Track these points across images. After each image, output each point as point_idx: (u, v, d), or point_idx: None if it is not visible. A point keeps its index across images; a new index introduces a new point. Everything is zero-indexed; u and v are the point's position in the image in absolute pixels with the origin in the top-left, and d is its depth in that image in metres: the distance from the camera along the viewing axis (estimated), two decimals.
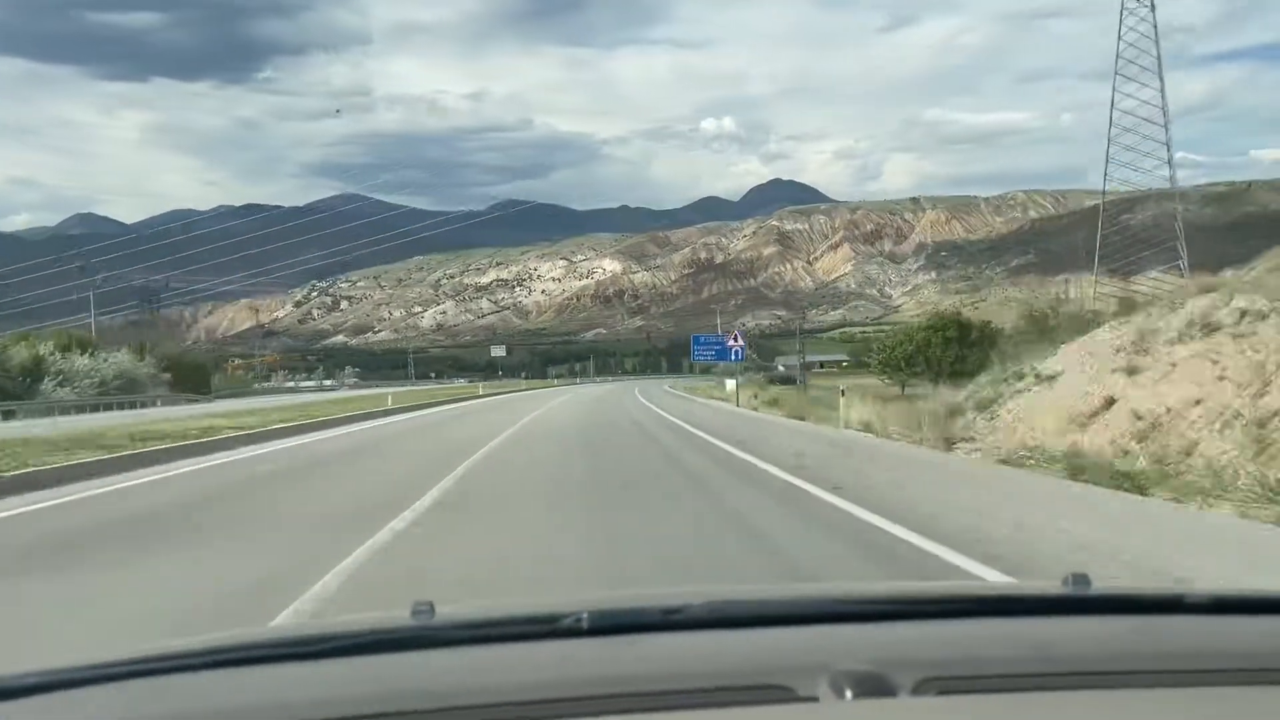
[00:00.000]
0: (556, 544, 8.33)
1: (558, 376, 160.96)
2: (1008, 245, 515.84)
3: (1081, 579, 1.65)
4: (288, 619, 5.37)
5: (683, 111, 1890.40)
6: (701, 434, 22.91)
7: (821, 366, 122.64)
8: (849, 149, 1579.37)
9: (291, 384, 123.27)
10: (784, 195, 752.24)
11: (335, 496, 12.47)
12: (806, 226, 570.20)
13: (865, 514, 9.38)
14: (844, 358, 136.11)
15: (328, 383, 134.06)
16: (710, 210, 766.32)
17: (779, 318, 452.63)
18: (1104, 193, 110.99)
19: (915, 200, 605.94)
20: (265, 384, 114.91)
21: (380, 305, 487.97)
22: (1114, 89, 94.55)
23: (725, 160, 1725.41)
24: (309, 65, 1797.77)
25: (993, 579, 6.17)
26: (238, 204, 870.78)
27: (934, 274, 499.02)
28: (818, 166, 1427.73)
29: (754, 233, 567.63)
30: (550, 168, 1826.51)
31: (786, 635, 1.47)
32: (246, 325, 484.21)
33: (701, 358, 56.32)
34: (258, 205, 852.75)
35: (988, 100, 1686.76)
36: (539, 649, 1.43)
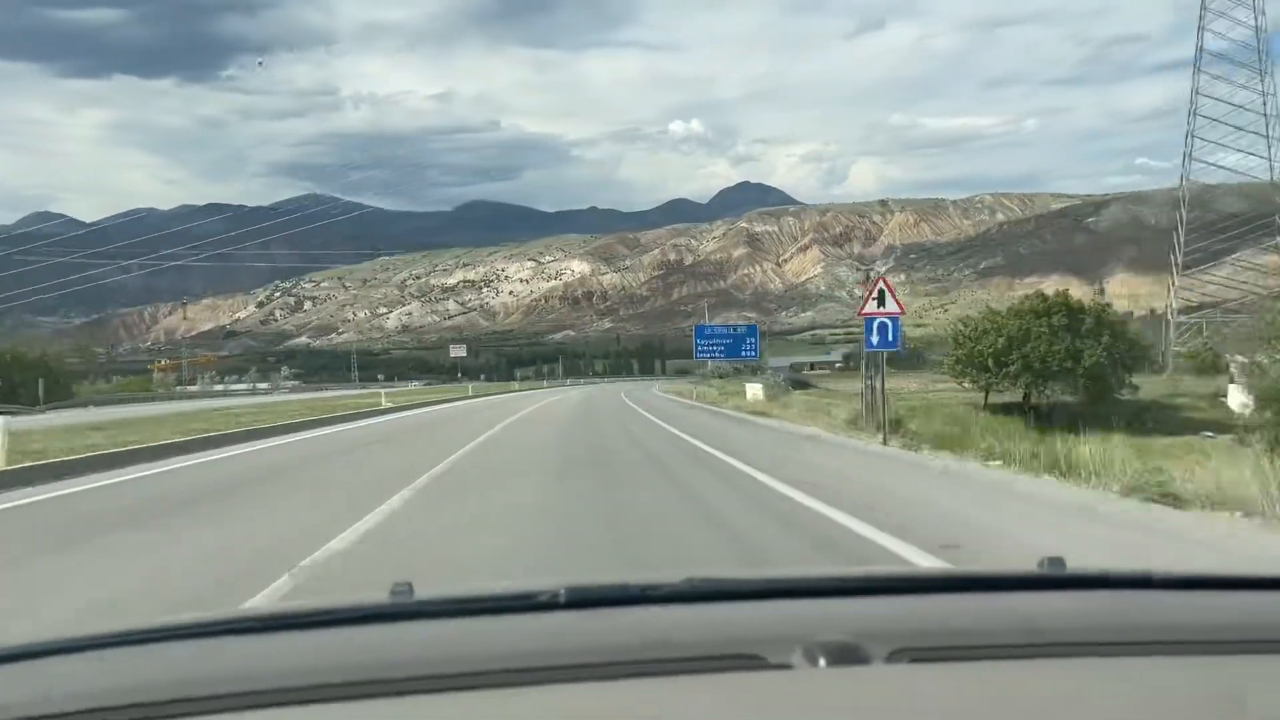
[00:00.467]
0: None
1: (523, 379, 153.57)
2: (976, 248, 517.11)
3: (1057, 561, 1.70)
4: None
5: (651, 114, 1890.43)
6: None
7: (812, 368, 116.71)
8: (816, 152, 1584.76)
9: (220, 388, 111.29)
10: (752, 198, 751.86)
11: None
12: (776, 228, 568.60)
13: None
14: (838, 359, 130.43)
15: (261, 386, 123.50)
16: (679, 212, 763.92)
17: (749, 319, 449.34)
18: (1183, 182, 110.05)
19: (884, 203, 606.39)
20: (189, 388, 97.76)
21: (344, 306, 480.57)
22: (1194, 88, 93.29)
23: (694, 163, 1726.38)
24: (274, 64, 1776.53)
25: None
26: (200, 203, 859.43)
27: (903, 276, 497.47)
28: (785, 169, 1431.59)
29: (723, 234, 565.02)
30: (519, 169, 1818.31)
31: (763, 608, 1.51)
32: (208, 326, 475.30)
33: (706, 355, 46.17)
34: (221, 204, 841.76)
35: (953, 105, 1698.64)
36: (517, 621, 1.46)
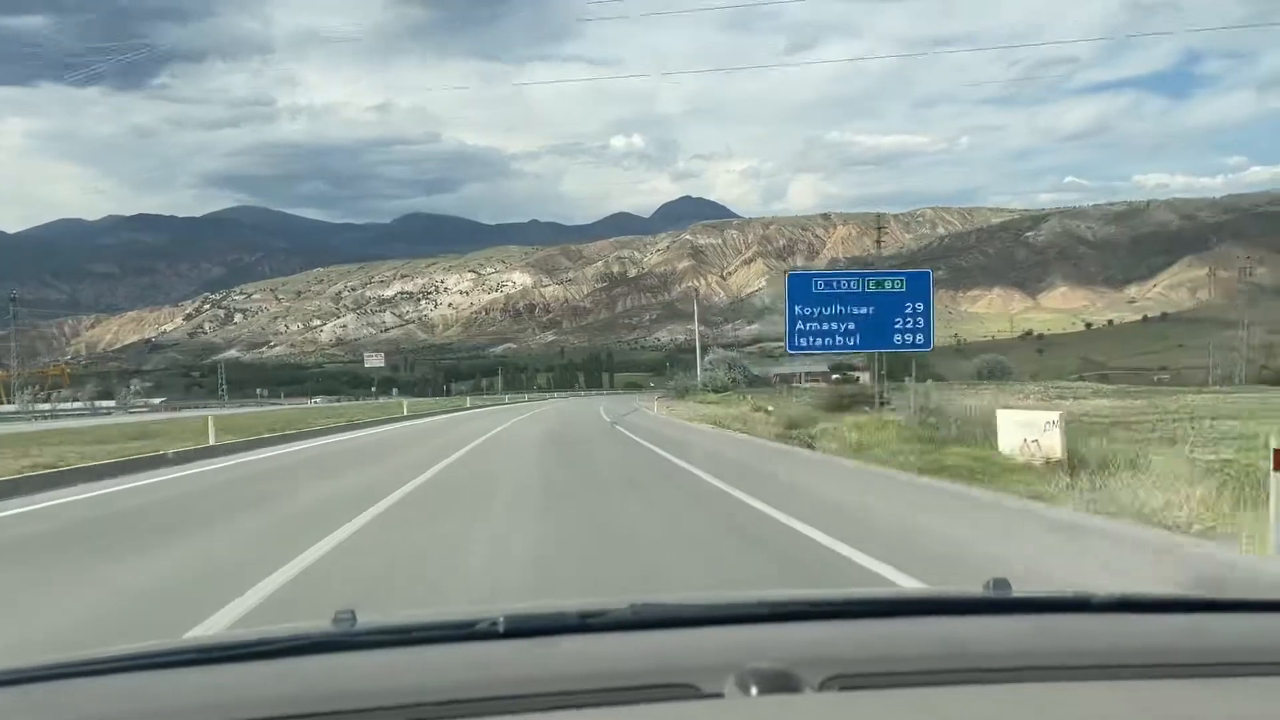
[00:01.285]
0: None
1: (456, 395, 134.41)
2: (919, 261, 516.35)
3: (1001, 583, 1.69)
4: None
5: (593, 128, 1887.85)
6: None
7: (803, 379, 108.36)
8: (756, 168, 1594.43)
9: (47, 406, 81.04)
10: (694, 212, 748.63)
11: None
12: (720, 241, 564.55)
13: None
14: (824, 368, 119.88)
15: (104, 405, 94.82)
16: (621, 226, 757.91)
17: (694, 332, 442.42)
18: None
19: (826, 216, 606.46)
20: (4, 408, 74.40)
21: (276, 319, 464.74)
22: None
23: (635, 177, 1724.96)
24: (208, 73, 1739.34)
25: None
26: (129, 214, 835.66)
27: None
28: (726, 185, 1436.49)
29: (667, 246, 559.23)
30: (459, 182, 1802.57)
31: (700, 636, 1.49)
32: (132, 339, 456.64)
33: (802, 345, 25.18)
34: (151, 216, 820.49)
35: (888, 123, 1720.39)
36: (456, 650, 1.45)
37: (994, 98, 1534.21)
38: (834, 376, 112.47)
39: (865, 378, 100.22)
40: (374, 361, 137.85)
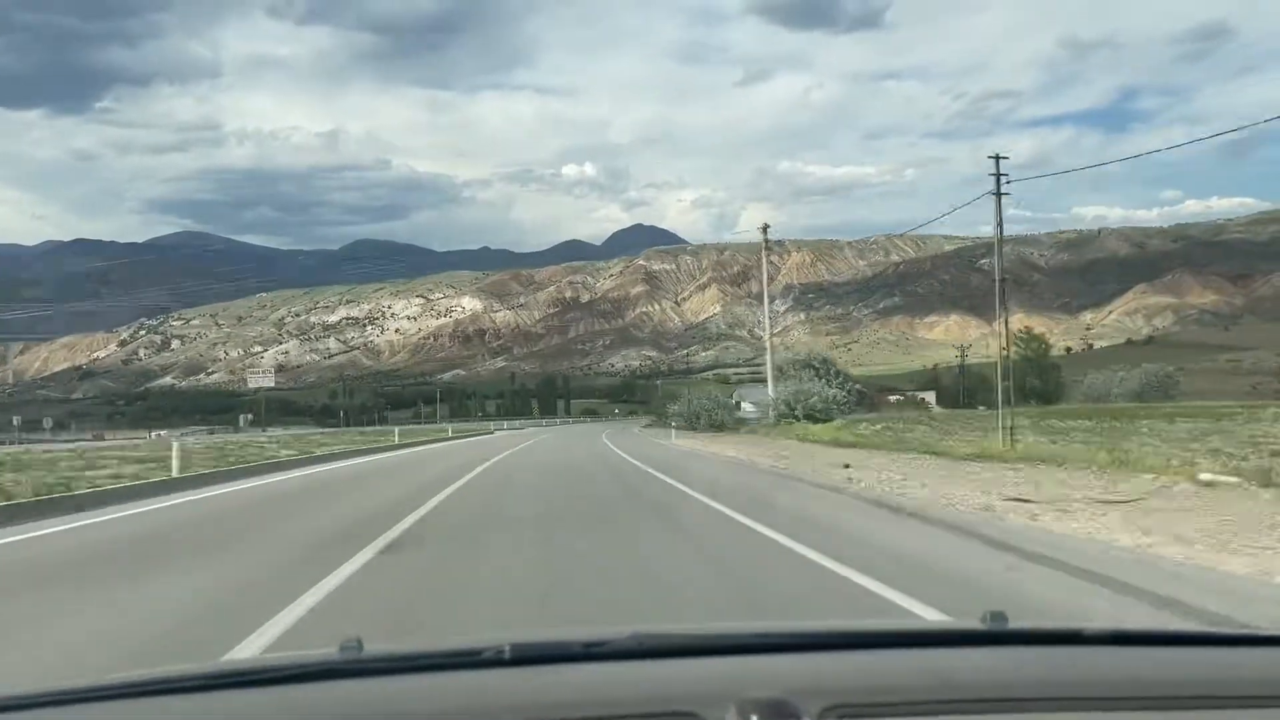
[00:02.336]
0: None
1: (376, 425, 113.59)
2: (874, 287, 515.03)
3: (998, 616, 1.71)
4: None
5: (545, 156, 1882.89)
6: None
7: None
8: (707, 198, 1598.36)
9: None
10: (645, 240, 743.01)
11: None
12: (674, 267, 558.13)
13: None
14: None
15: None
16: (573, 253, 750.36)
17: (649, 358, 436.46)
18: None
19: (780, 243, 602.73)
20: None
21: (216, 345, 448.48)
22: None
23: (587, 205, 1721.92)
24: (153, 97, 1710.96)
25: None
26: (67, 239, 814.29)
27: (803, 315, 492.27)
28: (677, 214, 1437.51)
29: (620, 272, 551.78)
30: (410, 209, 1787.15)
31: (701, 665, 1.50)
32: (63, 366, 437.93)
33: None
34: (90, 241, 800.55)
35: (838, 154, 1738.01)
36: (462, 678, 1.46)
37: (939, 130, 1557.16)
38: (893, 398, 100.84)
39: (930, 398, 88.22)
40: (260, 381, 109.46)
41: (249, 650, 5.14)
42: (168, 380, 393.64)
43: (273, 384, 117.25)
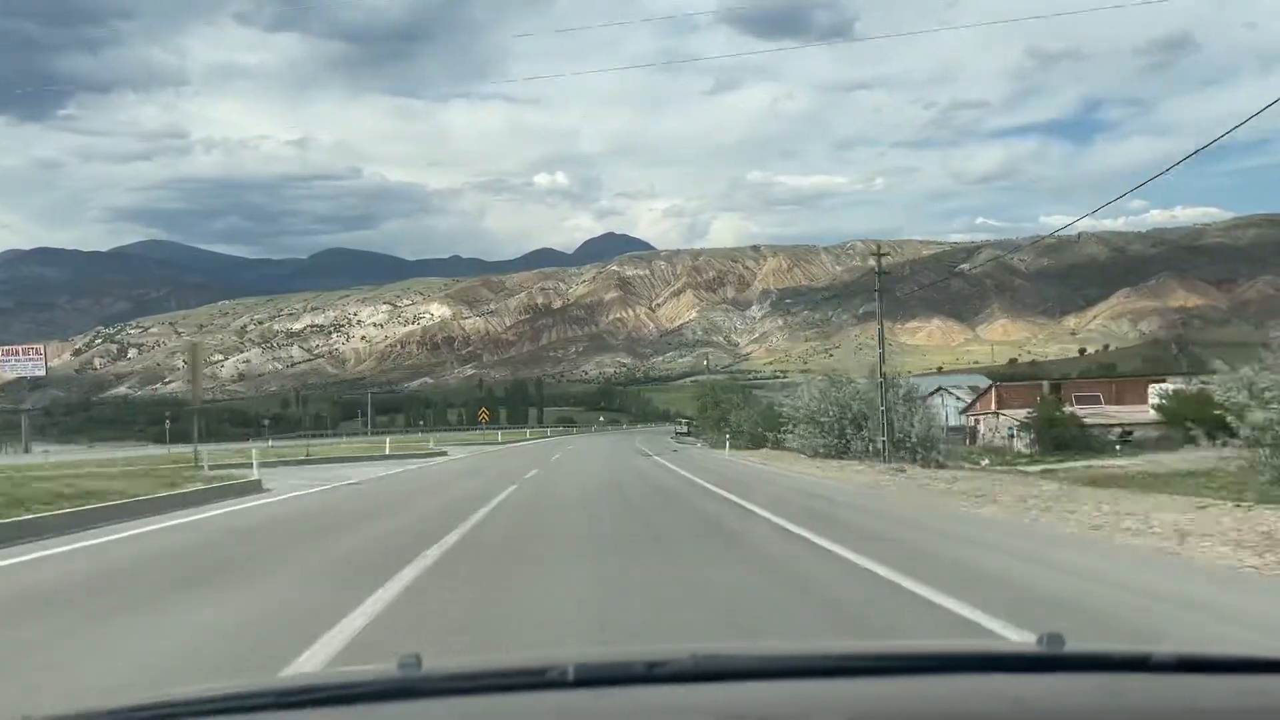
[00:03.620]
0: None
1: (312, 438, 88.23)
2: (853, 292, 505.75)
3: (1056, 638, 1.68)
4: None
5: (516, 165, 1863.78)
6: None
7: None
8: (679, 207, 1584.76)
9: None
10: (617, 249, 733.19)
11: None
12: (648, 272, 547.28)
13: None
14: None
15: None
16: (545, 261, 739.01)
17: (624, 365, 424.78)
18: None
19: (756, 248, 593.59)
20: None
21: (174, 354, 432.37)
22: None
23: (558, 215, 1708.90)
24: (118, 104, 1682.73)
25: None
26: (29, 248, 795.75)
27: (780, 320, 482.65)
28: (649, 223, 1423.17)
29: (593, 278, 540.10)
30: (380, 218, 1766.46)
31: (767, 689, 1.48)
32: (13, 375, 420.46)
33: None
34: (53, 250, 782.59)
35: (808, 164, 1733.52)
36: (525, 699, 1.43)
37: (909, 140, 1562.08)
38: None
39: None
40: (19, 370, 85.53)
41: None
42: (122, 390, 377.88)
43: (43, 372, 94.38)
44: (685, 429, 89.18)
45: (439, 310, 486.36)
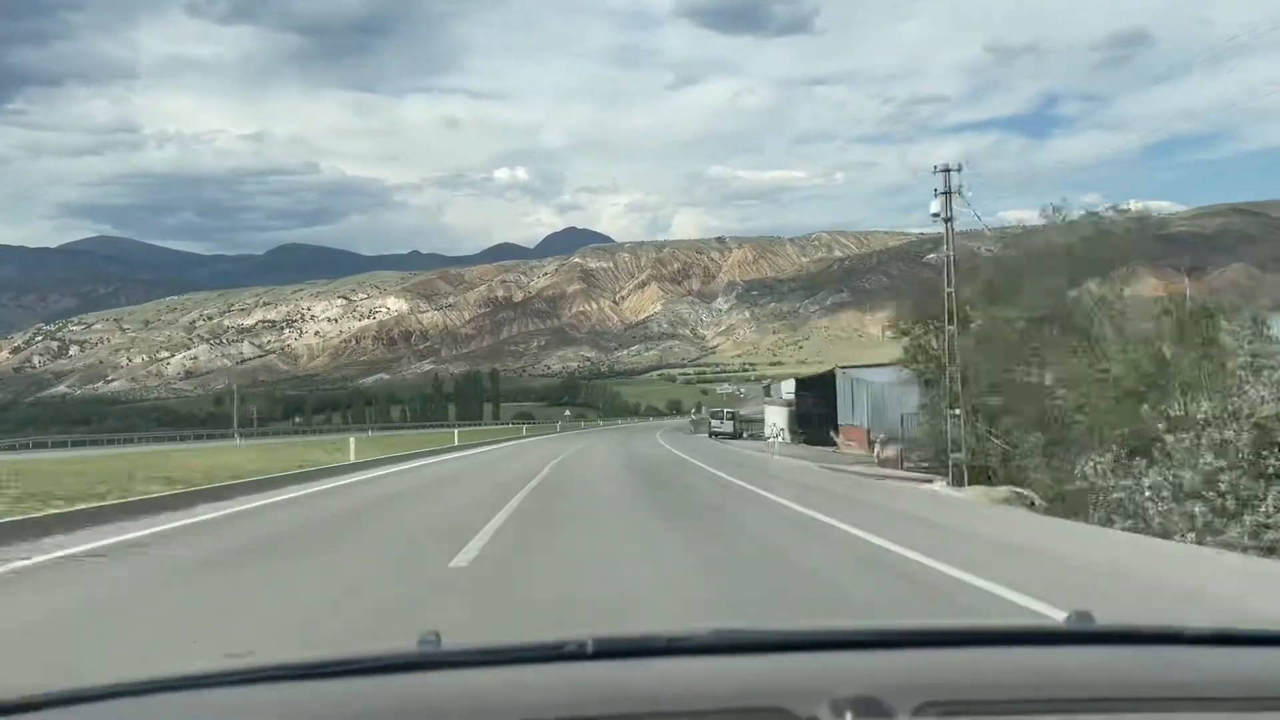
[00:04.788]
0: None
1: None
2: (820, 284, 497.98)
3: (1085, 616, 1.66)
4: None
5: (476, 160, 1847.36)
6: None
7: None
8: (640, 202, 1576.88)
9: None
10: (579, 243, 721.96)
11: None
12: (611, 265, 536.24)
13: None
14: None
15: None
16: (505, 256, 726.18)
17: (588, 359, 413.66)
18: None
19: (720, 240, 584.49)
20: None
21: (119, 350, 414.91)
22: None
23: (519, 210, 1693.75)
24: (67, 98, 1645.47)
25: None
26: None
27: (748, 313, 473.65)
28: (610, 219, 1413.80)
29: (555, 270, 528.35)
30: (339, 214, 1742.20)
31: (789, 661, 1.48)
32: None
33: None
34: None
35: (768, 159, 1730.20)
36: (544, 671, 1.44)
37: (868, 135, 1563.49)
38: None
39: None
40: None
41: None
42: (61, 389, 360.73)
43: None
44: (724, 422, 65.97)
45: (395, 304, 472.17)
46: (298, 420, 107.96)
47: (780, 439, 42.09)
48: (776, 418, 51.66)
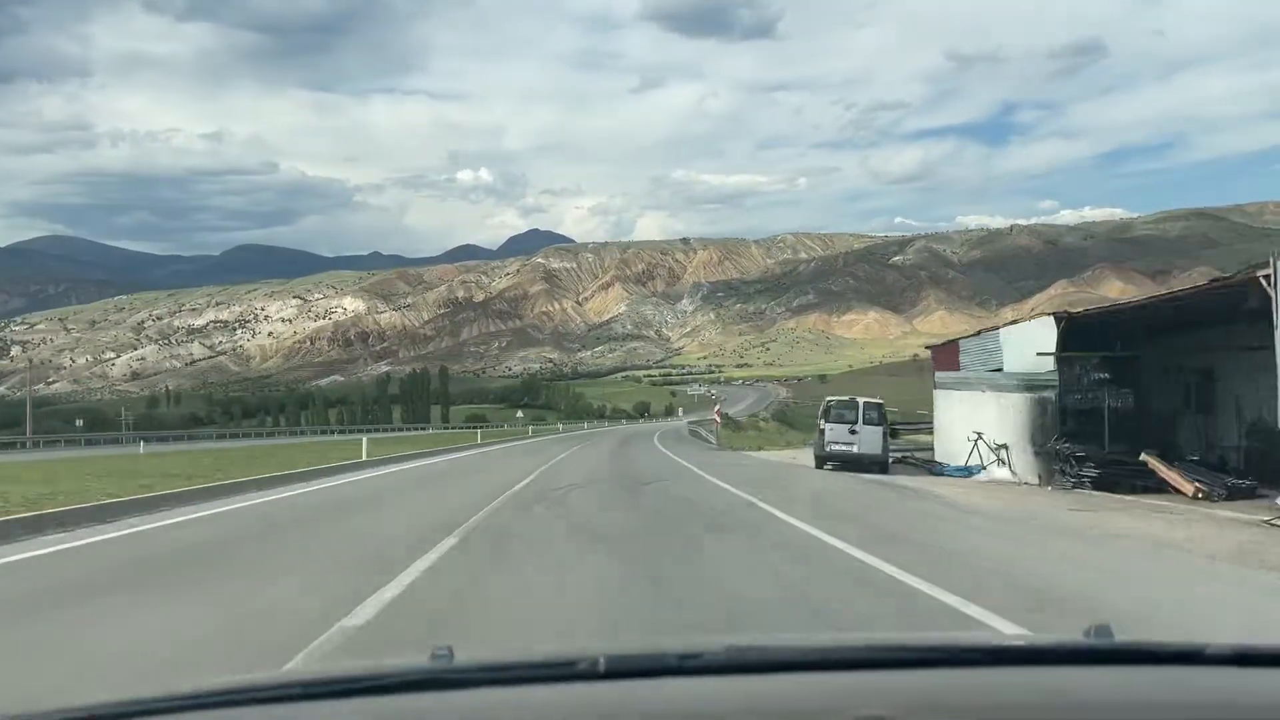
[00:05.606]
0: None
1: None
2: (786, 286, 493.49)
3: (1103, 630, 1.62)
4: None
5: (439, 162, 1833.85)
6: None
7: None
8: (604, 205, 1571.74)
9: None
10: (542, 245, 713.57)
11: None
12: (574, 265, 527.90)
13: None
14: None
15: None
16: (468, 257, 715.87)
17: (550, 360, 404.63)
18: None
19: (686, 241, 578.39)
20: None
21: (62, 351, 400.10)
22: None
23: (482, 211, 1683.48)
24: (18, 95, 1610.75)
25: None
26: None
27: (713, 314, 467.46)
28: (574, 221, 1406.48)
29: (518, 270, 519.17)
30: (298, 214, 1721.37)
31: (805, 681, 1.44)
32: None
33: None
34: None
35: (731, 163, 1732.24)
36: (557, 691, 1.42)
37: (830, 141, 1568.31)
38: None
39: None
40: None
41: None
42: (1, 390, 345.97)
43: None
44: (859, 433, 29.60)
45: (352, 304, 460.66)
46: (203, 426, 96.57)
47: (1001, 463, 20.14)
48: (988, 420, 21.67)
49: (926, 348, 28.92)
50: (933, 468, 22.77)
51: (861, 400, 23.75)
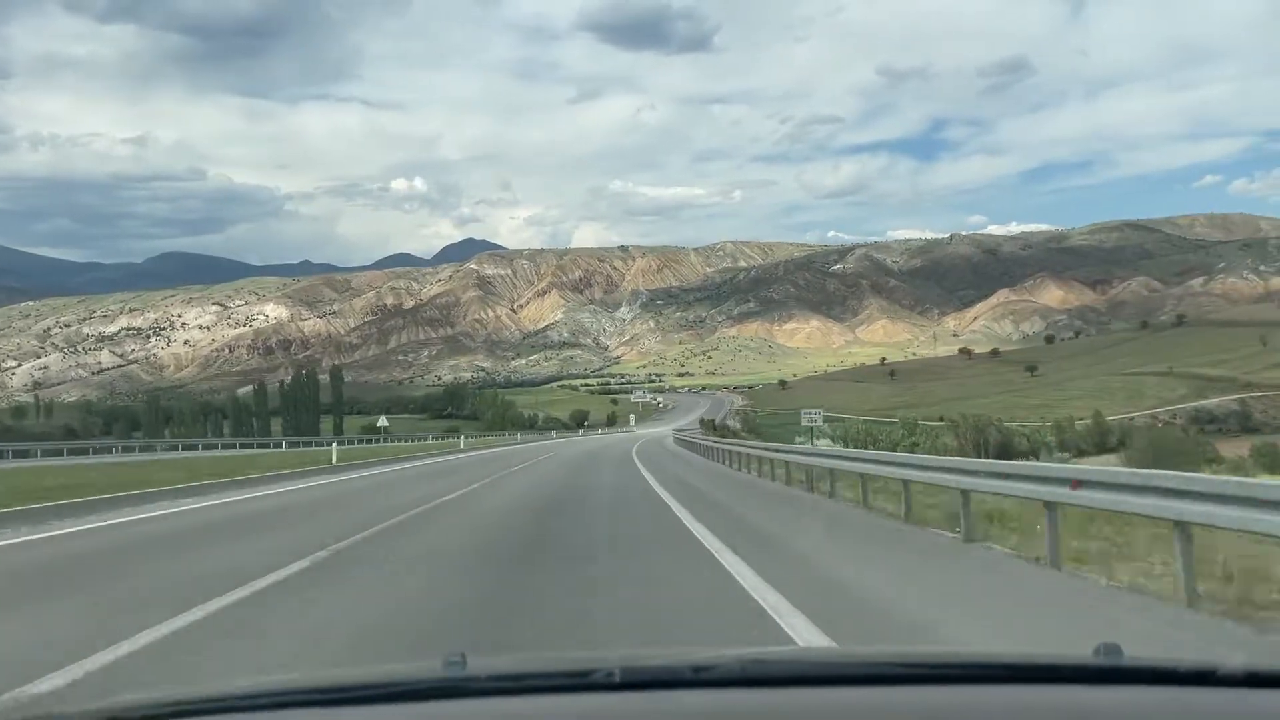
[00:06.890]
0: None
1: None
2: (726, 294, 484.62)
3: (1113, 648, 1.60)
4: None
5: (372, 171, 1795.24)
6: None
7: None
8: (540, 215, 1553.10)
9: None
10: (477, 254, 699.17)
11: None
12: (509, 272, 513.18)
13: None
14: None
15: None
16: (400, 265, 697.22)
17: (482, 369, 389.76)
18: None
19: (624, 248, 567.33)
20: None
21: None
22: None
23: (416, 221, 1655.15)
24: None
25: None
26: None
27: (652, 322, 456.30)
28: (510, 231, 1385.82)
29: (450, 276, 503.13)
30: (227, 222, 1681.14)
31: (819, 695, 1.44)
32: None
33: None
34: None
35: (668, 175, 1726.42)
36: (571, 701, 1.41)
37: (766, 154, 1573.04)
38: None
39: None
40: None
41: None
42: None
43: None
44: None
45: (275, 311, 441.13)
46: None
47: None
48: None
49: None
50: None
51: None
